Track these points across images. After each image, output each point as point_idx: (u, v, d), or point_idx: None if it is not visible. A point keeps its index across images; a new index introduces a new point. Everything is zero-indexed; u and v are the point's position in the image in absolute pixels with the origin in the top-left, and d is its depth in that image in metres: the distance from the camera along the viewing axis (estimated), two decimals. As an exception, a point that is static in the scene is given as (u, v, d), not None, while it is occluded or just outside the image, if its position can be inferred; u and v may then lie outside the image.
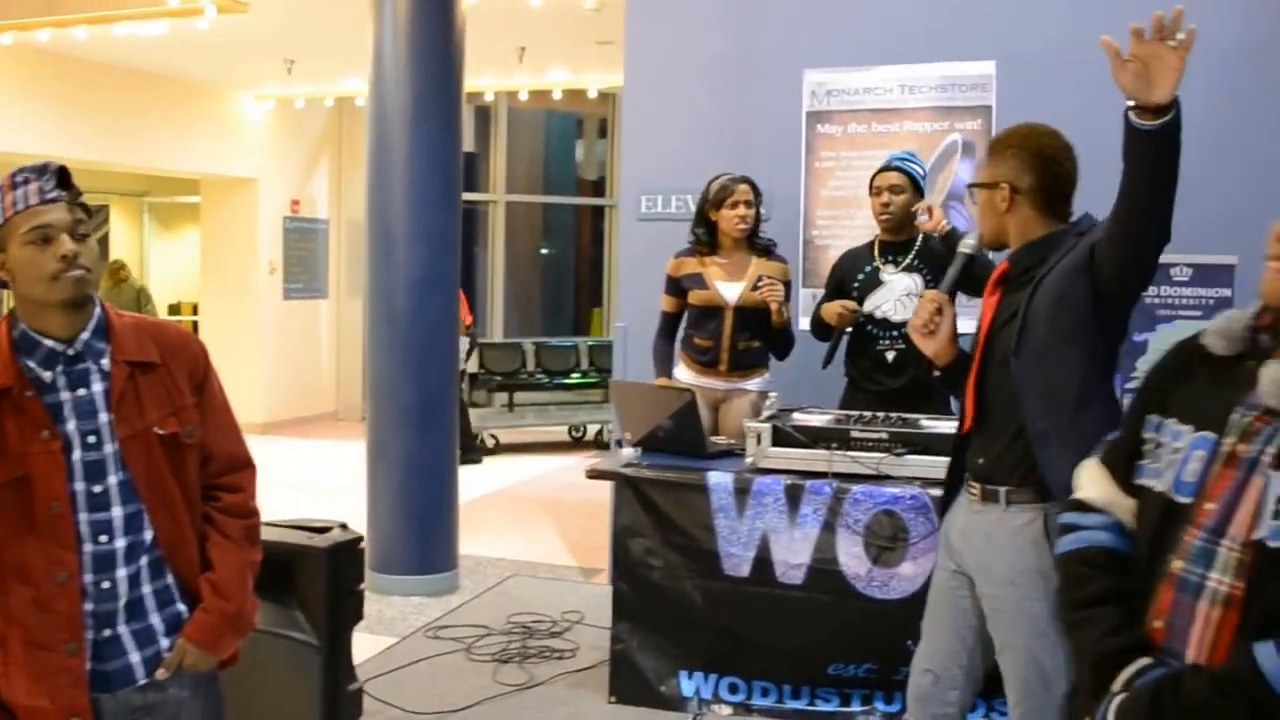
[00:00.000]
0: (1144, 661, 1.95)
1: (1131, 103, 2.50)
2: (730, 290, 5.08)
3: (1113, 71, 2.44)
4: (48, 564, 2.32)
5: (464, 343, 10.05)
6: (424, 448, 6.48)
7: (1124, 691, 1.96)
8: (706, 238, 5.16)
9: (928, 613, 3.33)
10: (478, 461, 10.74)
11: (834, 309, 4.87)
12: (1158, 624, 1.94)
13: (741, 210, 5.04)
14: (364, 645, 4.05)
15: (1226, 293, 4.09)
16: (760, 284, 4.94)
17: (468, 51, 6.60)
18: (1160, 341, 4.10)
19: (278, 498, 2.71)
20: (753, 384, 5.19)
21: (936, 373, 3.29)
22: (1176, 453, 1.96)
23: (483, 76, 10.89)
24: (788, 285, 5.12)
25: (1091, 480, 2.22)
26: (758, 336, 5.14)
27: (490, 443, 11.62)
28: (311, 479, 9.89)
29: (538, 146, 16.05)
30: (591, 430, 12.31)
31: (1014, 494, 3.02)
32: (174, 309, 15.41)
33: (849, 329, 4.95)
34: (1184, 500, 1.93)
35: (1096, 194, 3.04)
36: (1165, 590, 1.93)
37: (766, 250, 5.16)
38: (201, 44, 9.73)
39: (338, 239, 13.82)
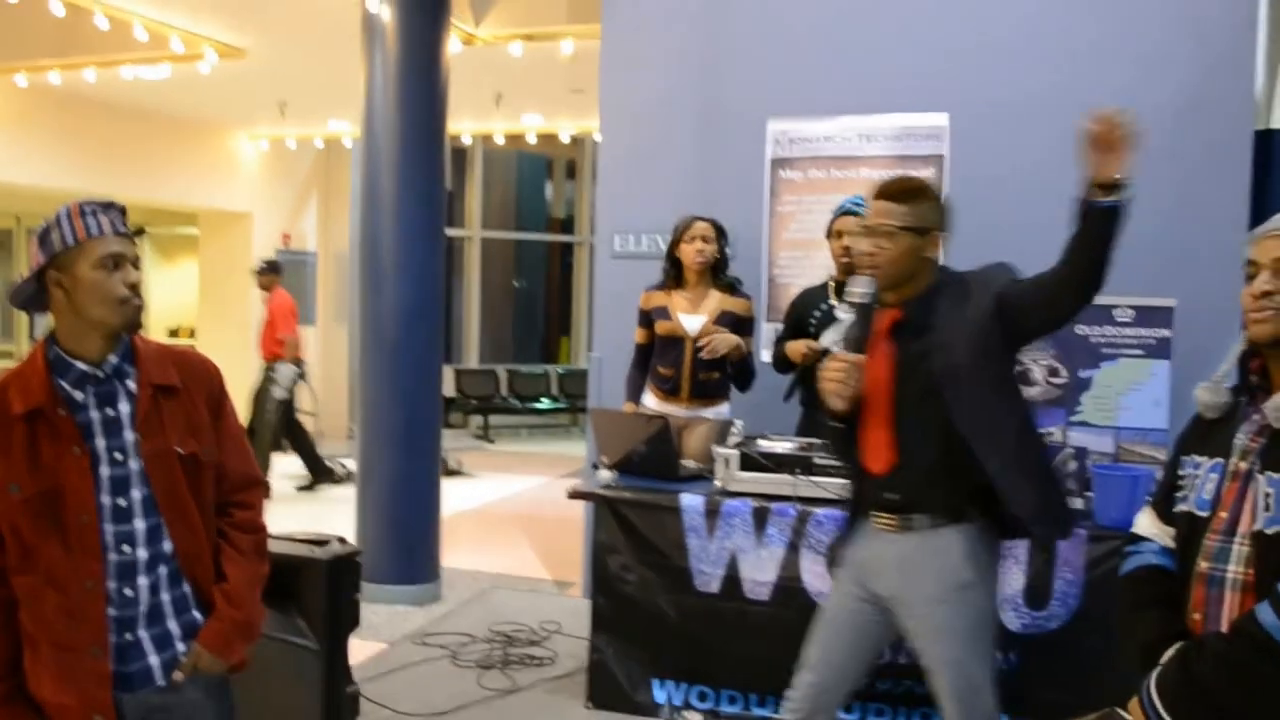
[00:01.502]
0: (1183, 645, 2.21)
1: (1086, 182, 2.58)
2: (691, 322, 5.08)
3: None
4: (77, 572, 2.32)
5: (288, 371, 9.72)
6: (409, 467, 6.46)
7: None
8: (673, 272, 5.17)
9: (821, 632, 3.24)
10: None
11: (799, 348, 4.86)
12: (1196, 616, 2.22)
13: (699, 244, 5.04)
14: (353, 650, 4.03)
15: (1166, 333, 4.13)
16: (718, 321, 4.98)
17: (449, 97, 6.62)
18: (1104, 378, 4.15)
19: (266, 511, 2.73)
20: (711, 412, 5.14)
21: (841, 424, 3.17)
22: (1197, 479, 2.28)
23: (461, 120, 10.90)
24: (751, 321, 5.15)
25: (1142, 518, 2.49)
26: (718, 368, 5.11)
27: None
28: (298, 494, 9.83)
29: (510, 186, 16.11)
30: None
31: (935, 519, 3.03)
32: (173, 333, 15.35)
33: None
34: (1203, 514, 2.23)
35: (1048, 241, 2.98)
36: (1198, 587, 2.21)
37: (730, 287, 5.15)
38: (201, 87, 9.74)
39: (325, 270, 13.79)
